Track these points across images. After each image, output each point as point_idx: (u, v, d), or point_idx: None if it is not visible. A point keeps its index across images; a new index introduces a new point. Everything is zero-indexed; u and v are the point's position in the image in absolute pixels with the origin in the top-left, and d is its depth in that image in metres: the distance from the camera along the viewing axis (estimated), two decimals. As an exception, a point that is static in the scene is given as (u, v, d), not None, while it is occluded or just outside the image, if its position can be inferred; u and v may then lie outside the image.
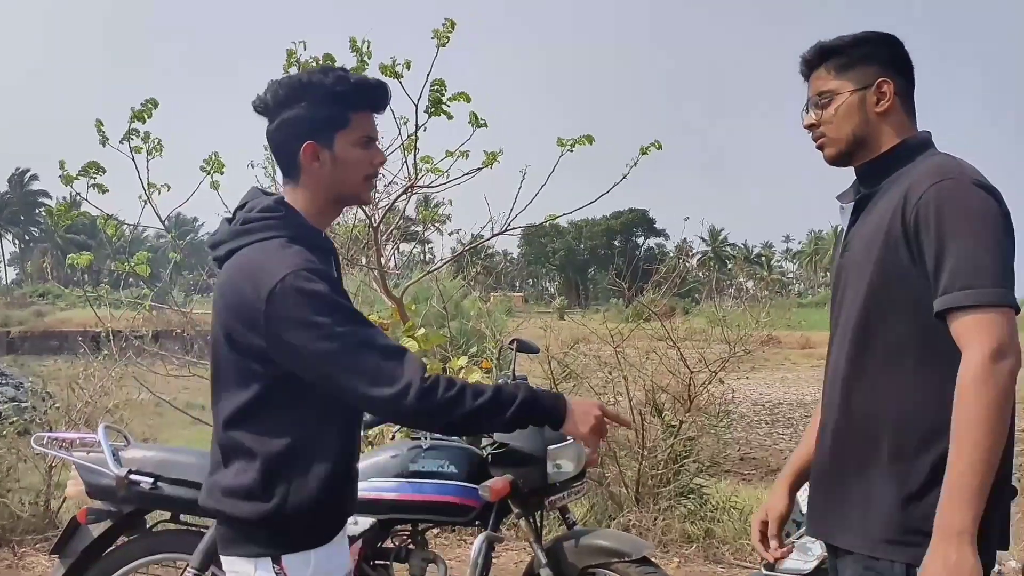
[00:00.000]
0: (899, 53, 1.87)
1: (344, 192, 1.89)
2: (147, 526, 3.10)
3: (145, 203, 4.98)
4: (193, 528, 3.05)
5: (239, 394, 1.78)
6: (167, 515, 3.07)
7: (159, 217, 5.13)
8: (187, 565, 2.81)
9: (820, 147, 1.90)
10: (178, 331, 6.04)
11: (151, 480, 2.89)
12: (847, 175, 1.95)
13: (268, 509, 1.75)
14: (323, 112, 1.81)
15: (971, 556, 1.52)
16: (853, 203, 1.87)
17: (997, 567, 4.73)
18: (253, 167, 5.46)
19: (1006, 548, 1.74)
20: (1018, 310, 1.59)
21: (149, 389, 5.87)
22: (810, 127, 1.90)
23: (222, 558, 1.87)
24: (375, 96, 1.88)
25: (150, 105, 4.84)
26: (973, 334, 1.56)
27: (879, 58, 1.83)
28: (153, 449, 3.13)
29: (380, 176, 1.98)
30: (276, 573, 1.76)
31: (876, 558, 1.69)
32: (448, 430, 2.25)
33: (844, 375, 1.79)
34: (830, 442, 1.83)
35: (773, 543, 2.00)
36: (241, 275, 1.77)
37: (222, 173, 4.92)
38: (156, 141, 4.95)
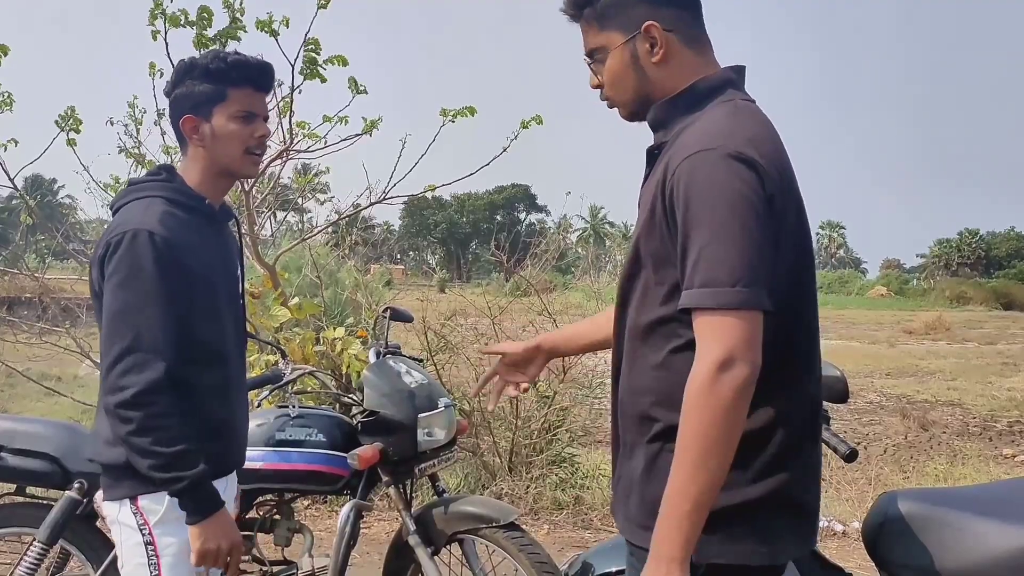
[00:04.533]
0: None
1: (224, 164, 2.04)
2: (-11, 500, 2.92)
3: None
4: (40, 501, 2.89)
5: (102, 340, 1.90)
6: (11, 488, 2.90)
7: (8, 176, 4.79)
8: (33, 539, 2.67)
9: (611, 106, 1.68)
10: (29, 296, 5.68)
11: (-7, 451, 2.72)
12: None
13: (127, 453, 1.87)
14: (201, 88, 1.99)
15: None
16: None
17: (842, 528, 5.06)
18: (112, 124, 5.15)
19: (810, 548, 1.61)
20: (766, 310, 1.39)
21: (-2, 358, 5.50)
22: (597, 87, 1.67)
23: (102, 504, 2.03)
24: (253, 73, 2.03)
25: (0, 53, 4.49)
26: (705, 339, 1.38)
27: None
28: (-4, 418, 2.94)
29: (265, 150, 2.15)
30: (134, 513, 1.95)
31: (634, 544, 1.58)
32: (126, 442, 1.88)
33: (616, 353, 1.65)
34: (612, 420, 1.70)
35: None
36: (109, 227, 1.95)
37: (79, 131, 4.62)
38: (6, 95, 4.61)
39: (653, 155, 1.61)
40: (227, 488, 2.15)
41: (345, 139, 5.10)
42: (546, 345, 2.11)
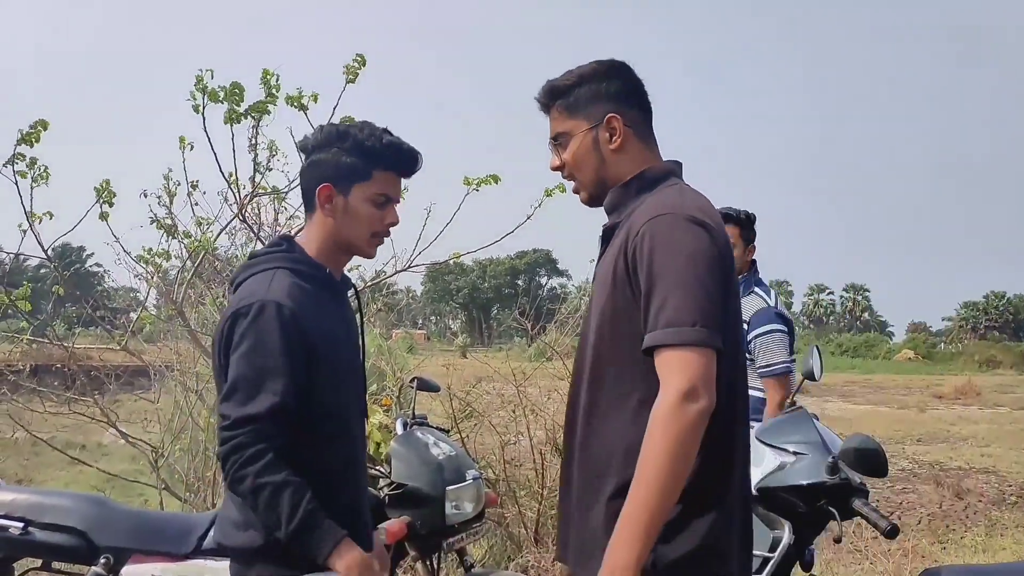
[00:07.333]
0: (628, 83, 1.86)
1: (349, 241, 2.03)
2: (15, 574, 2.89)
3: (25, 232, 4.70)
4: (66, 576, 2.86)
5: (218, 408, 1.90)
6: (38, 563, 2.87)
7: (42, 248, 4.86)
8: (58, 616, 2.63)
9: (575, 191, 1.91)
10: (58, 366, 5.71)
11: (21, 525, 2.70)
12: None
13: (260, 538, 1.85)
14: (348, 161, 1.97)
15: None
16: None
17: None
18: (146, 196, 5.23)
19: None
20: (720, 350, 1.58)
21: (25, 428, 5.52)
22: (557, 169, 1.90)
23: None
24: (402, 160, 2.03)
25: (39, 128, 4.59)
26: (669, 372, 1.55)
27: (606, 93, 1.83)
28: (24, 492, 2.92)
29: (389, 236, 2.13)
30: None
31: None
32: (235, 484, 1.86)
33: (581, 411, 1.77)
34: (568, 477, 1.81)
35: None
36: (232, 300, 1.95)
37: (111, 204, 4.70)
38: (43, 168, 4.70)
39: (608, 235, 1.84)
40: None
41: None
42: None
